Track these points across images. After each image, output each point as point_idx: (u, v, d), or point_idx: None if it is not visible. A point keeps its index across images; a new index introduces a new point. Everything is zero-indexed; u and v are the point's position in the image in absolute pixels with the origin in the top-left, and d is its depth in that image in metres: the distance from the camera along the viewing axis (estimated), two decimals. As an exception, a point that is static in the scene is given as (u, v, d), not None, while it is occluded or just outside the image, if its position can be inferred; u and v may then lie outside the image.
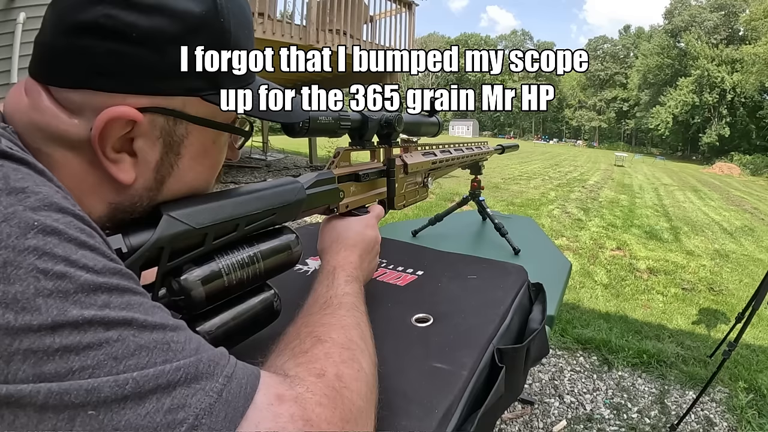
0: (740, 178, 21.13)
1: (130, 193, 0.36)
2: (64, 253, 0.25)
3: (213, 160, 0.41)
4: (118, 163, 0.34)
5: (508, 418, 1.68)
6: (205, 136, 0.39)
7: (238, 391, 0.28)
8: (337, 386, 0.33)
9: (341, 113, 0.57)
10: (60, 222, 0.26)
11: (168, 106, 0.35)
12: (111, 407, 0.23)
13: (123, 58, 0.32)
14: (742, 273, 3.99)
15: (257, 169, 8.42)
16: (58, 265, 0.24)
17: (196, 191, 0.41)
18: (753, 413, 1.74)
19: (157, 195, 0.38)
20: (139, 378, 0.24)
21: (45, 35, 0.33)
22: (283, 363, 0.35)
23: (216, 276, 0.40)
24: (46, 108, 0.33)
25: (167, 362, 0.26)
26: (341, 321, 0.42)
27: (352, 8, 6.14)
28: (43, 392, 0.22)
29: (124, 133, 0.33)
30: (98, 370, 0.23)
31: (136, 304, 0.27)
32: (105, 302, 0.25)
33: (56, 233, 0.25)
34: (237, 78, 0.38)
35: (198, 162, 0.39)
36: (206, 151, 0.40)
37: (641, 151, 44.49)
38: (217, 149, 0.41)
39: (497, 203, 6.54)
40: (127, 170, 0.34)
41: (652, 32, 50.72)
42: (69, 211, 0.27)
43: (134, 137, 0.34)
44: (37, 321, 0.23)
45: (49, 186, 0.28)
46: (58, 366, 0.23)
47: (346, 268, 0.52)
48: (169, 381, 0.25)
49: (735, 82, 34.73)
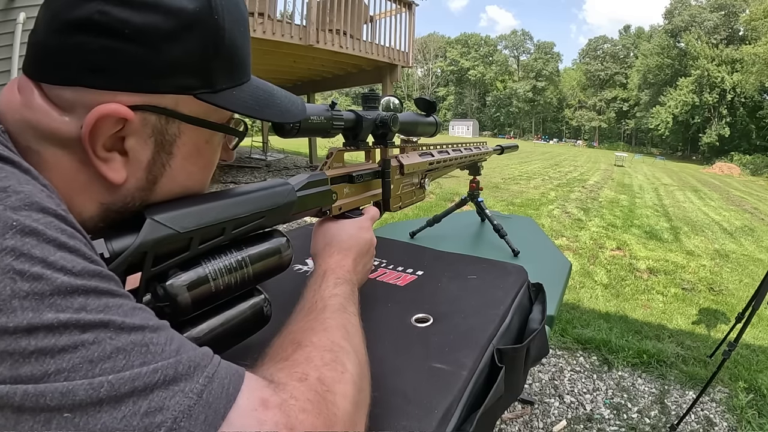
0: (740, 178, 21.13)
1: (121, 193, 0.35)
2: (41, 254, 0.25)
3: (206, 160, 0.41)
4: (108, 162, 0.33)
5: (508, 418, 1.68)
6: (198, 136, 0.38)
7: (219, 391, 0.27)
8: (320, 390, 0.33)
9: (334, 112, 0.56)
10: (40, 222, 0.26)
11: (160, 105, 0.34)
12: (86, 410, 0.23)
13: (115, 54, 0.31)
14: (742, 273, 3.98)
15: (257, 169, 8.42)
16: (35, 267, 0.24)
17: (189, 192, 0.40)
18: (753, 413, 1.73)
19: (150, 195, 0.37)
20: (114, 381, 0.24)
21: (38, 34, 0.33)
22: (265, 371, 0.35)
23: (202, 281, 0.39)
24: (37, 106, 0.32)
25: (145, 364, 0.25)
26: (324, 324, 0.42)
27: (352, 8, 6.13)
28: (20, 394, 0.22)
29: (115, 132, 0.33)
30: (73, 373, 0.23)
31: (115, 306, 0.27)
32: (81, 305, 0.25)
33: (35, 234, 0.25)
34: (232, 76, 0.38)
35: (191, 162, 0.39)
36: (199, 151, 0.39)
37: (641, 151, 44.46)
38: (211, 149, 0.41)
39: (497, 203, 6.54)
40: (118, 169, 0.34)
41: (652, 32, 50.74)
42: (50, 211, 0.27)
43: (125, 136, 0.34)
44: (12, 323, 0.23)
45: (32, 185, 0.27)
46: (34, 368, 0.23)
47: (337, 271, 0.52)
48: (146, 384, 0.25)
49: (735, 82, 34.74)
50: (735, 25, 37.55)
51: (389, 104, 0.69)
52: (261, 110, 0.40)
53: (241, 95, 0.39)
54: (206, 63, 0.35)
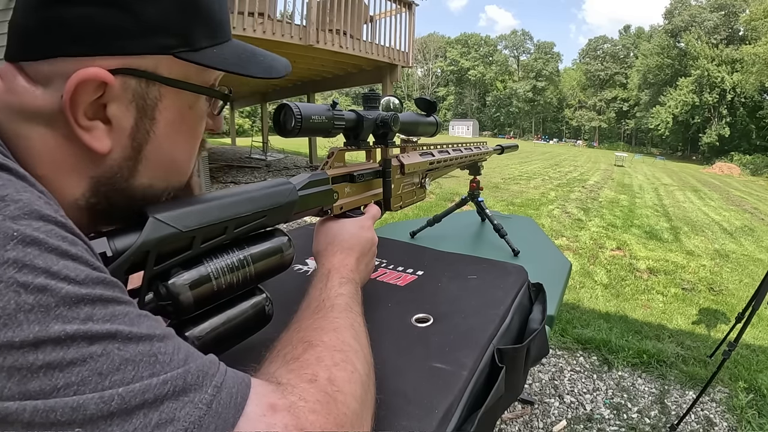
0: (740, 178, 21.13)
1: (108, 164, 0.35)
2: (44, 264, 0.24)
3: (191, 127, 0.40)
4: (91, 131, 0.33)
5: (508, 418, 1.68)
6: (181, 100, 0.37)
7: (228, 401, 0.27)
8: (330, 390, 0.33)
9: (335, 112, 0.56)
10: (41, 231, 0.25)
11: (140, 67, 0.34)
12: (97, 424, 0.23)
13: (91, 20, 0.31)
14: (742, 273, 3.98)
15: (257, 169, 8.42)
16: (38, 278, 0.24)
17: (177, 163, 0.39)
18: (753, 413, 1.73)
19: (137, 166, 0.36)
20: (124, 394, 0.24)
21: (17, 17, 0.33)
22: (275, 370, 0.35)
23: (204, 280, 0.39)
24: (20, 87, 0.32)
25: (154, 375, 0.25)
26: (333, 323, 0.42)
27: (352, 8, 6.14)
28: (29, 410, 0.22)
29: (96, 98, 0.32)
30: (83, 386, 0.23)
31: (121, 314, 0.26)
32: (88, 315, 0.25)
33: (36, 243, 0.24)
34: (211, 35, 0.37)
35: (175, 129, 0.38)
36: (183, 118, 0.38)
37: (641, 151, 44.47)
38: (195, 116, 0.40)
39: (497, 203, 6.55)
40: (101, 138, 0.33)
41: (652, 32, 50.72)
42: (50, 218, 0.26)
43: (107, 103, 0.33)
44: (19, 337, 0.22)
45: (30, 192, 0.27)
46: (43, 383, 0.22)
47: (341, 271, 0.52)
48: (156, 395, 0.25)
49: (735, 82, 34.74)
50: (735, 25, 37.55)
51: (389, 104, 0.69)
52: (244, 66, 0.39)
53: (222, 53, 0.38)
54: (184, 22, 0.35)
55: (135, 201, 0.37)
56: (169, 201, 0.39)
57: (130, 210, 0.37)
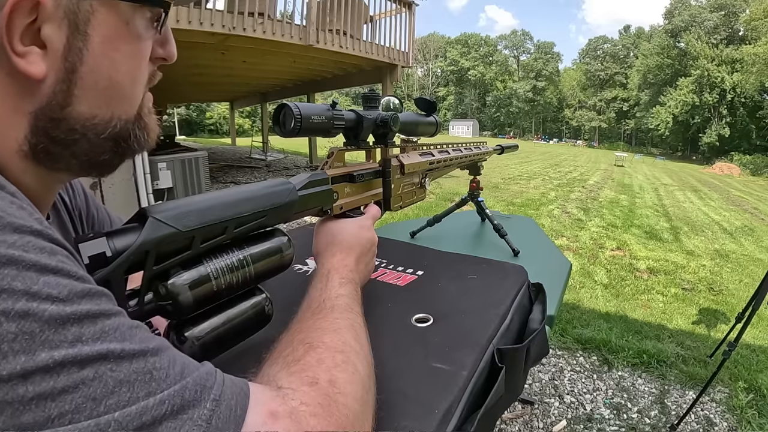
0: (740, 178, 21.13)
1: (43, 91, 0.32)
2: (24, 285, 0.23)
3: (130, 46, 0.36)
4: (26, 56, 0.31)
5: (508, 418, 1.68)
6: (115, 15, 0.34)
7: (227, 415, 0.27)
8: (331, 393, 0.33)
9: (335, 112, 0.56)
10: (17, 246, 0.24)
11: None
12: None
13: None
14: (742, 273, 3.99)
15: (257, 169, 8.42)
16: (19, 302, 0.22)
17: (118, 86, 0.36)
18: (753, 413, 1.74)
19: (72, 89, 0.33)
20: (121, 419, 0.23)
21: None
22: (276, 373, 0.34)
23: (204, 280, 0.39)
24: None
25: (150, 395, 0.24)
26: (334, 324, 0.41)
27: (352, 8, 6.13)
28: None
29: (30, 21, 0.30)
30: (78, 414, 0.22)
31: (111, 329, 0.25)
32: (76, 336, 0.24)
33: (13, 263, 0.23)
34: None
35: (112, 47, 0.35)
36: (119, 34, 0.35)
37: (641, 151, 44.47)
38: (133, 34, 0.36)
39: (497, 203, 6.55)
40: (36, 62, 0.31)
41: (652, 32, 50.71)
42: (26, 229, 0.25)
43: (41, 26, 0.31)
44: (6, 370, 0.21)
45: (1, 198, 0.26)
46: (36, 415, 0.22)
47: (340, 271, 0.51)
48: (155, 417, 0.24)
49: (735, 82, 34.73)
50: (735, 25, 37.55)
51: (389, 104, 0.68)
52: None
53: None
54: None
55: (77, 135, 0.35)
56: (168, 201, 0.39)
57: (75, 148, 0.35)
